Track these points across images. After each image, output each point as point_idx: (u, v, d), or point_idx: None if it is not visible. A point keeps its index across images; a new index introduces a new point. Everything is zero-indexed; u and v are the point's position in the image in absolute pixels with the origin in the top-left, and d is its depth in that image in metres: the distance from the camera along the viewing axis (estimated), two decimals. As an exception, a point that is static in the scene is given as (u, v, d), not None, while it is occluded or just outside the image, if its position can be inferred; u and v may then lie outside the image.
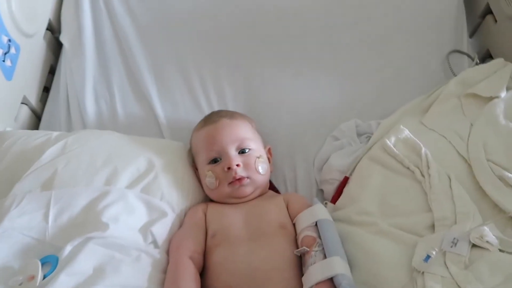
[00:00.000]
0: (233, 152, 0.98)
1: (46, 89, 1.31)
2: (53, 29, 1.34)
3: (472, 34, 1.36)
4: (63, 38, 1.29)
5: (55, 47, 1.35)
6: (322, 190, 1.10)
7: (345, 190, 1.01)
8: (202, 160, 1.01)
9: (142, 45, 1.28)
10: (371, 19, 1.29)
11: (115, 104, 1.21)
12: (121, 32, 1.29)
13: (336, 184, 1.05)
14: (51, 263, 0.77)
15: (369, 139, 1.09)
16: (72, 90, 1.23)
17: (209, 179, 0.98)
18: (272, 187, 1.11)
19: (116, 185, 0.91)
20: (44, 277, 0.75)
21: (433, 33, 1.28)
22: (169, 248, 0.90)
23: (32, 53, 1.21)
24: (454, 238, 0.76)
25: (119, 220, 0.85)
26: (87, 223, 0.83)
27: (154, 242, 0.89)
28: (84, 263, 0.77)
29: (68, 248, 0.78)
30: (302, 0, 1.30)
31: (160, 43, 1.29)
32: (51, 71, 1.33)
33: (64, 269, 0.75)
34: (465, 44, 1.28)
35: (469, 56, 1.26)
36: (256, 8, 1.31)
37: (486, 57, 1.29)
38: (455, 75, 1.19)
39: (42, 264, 0.76)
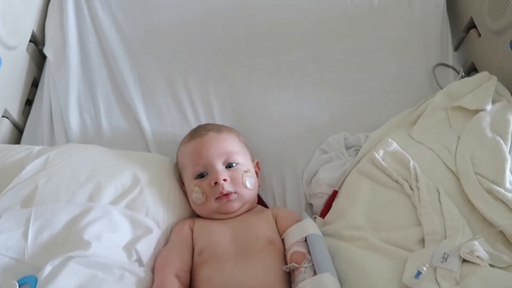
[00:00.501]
0: (220, 166, 0.97)
1: (29, 102, 1.28)
2: (37, 41, 1.32)
3: (456, 48, 1.38)
4: (46, 50, 1.27)
5: (39, 59, 1.32)
6: (311, 204, 1.09)
7: (334, 204, 1.00)
8: (188, 175, 0.99)
9: (128, 57, 1.26)
10: (358, 33, 1.30)
11: (99, 118, 1.19)
12: (107, 44, 1.27)
13: (325, 198, 1.03)
14: (29, 284, 0.74)
15: (357, 152, 1.09)
16: (56, 103, 1.20)
17: (195, 194, 0.96)
18: (260, 201, 1.09)
19: (100, 201, 0.88)
20: (22, 299, 0.72)
21: (419, 46, 1.29)
22: (154, 266, 0.87)
23: (14, 66, 1.18)
24: (445, 253, 0.75)
25: (102, 237, 0.82)
26: (69, 241, 0.80)
27: (139, 260, 0.87)
28: (65, 283, 0.73)
29: (48, 268, 0.75)
30: (290, 13, 1.30)
31: (146, 55, 1.27)
32: (35, 83, 1.30)
33: (44, 289, 0.72)
34: (451, 57, 1.30)
35: (454, 69, 1.27)
36: (244, 21, 1.31)
37: (471, 70, 1.30)
38: (441, 88, 1.20)
39: (20, 286, 0.73)
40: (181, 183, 1.03)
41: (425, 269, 0.73)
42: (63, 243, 0.80)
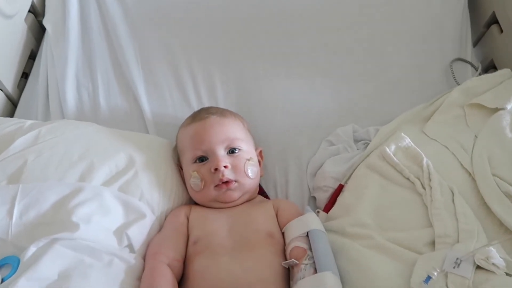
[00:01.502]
0: (221, 152, 0.91)
1: (25, 75, 1.22)
2: (36, 12, 1.27)
3: (475, 43, 1.31)
4: (46, 22, 1.21)
5: (38, 31, 1.27)
6: (314, 198, 1.03)
7: (340, 199, 0.94)
8: (187, 159, 0.93)
9: (131, 34, 1.20)
10: (371, 22, 1.23)
11: (97, 95, 1.13)
12: (110, 19, 1.22)
13: (330, 192, 0.98)
14: (11, 264, 0.69)
15: (366, 146, 1.03)
16: (52, 77, 1.15)
17: (193, 180, 0.91)
18: (261, 191, 1.04)
19: (92, 182, 0.83)
20: (2, 280, 0.67)
21: (436, 39, 1.22)
22: (146, 254, 0.82)
23: (10, 36, 1.13)
24: (457, 259, 0.69)
25: (91, 220, 0.77)
26: (56, 222, 0.75)
27: (130, 246, 0.82)
28: (49, 267, 0.69)
29: (31, 249, 0.70)
30: (301, -1, 1.24)
31: (150, 34, 1.22)
32: (32, 56, 1.25)
33: (26, 272, 0.67)
34: (469, 53, 1.23)
35: (472, 65, 1.21)
36: (253, 4, 1.25)
37: (489, 67, 1.24)
38: (458, 83, 1.14)
39: (1, 266, 0.68)
40: (180, 168, 0.98)
41: (435, 274, 0.68)
42: (50, 223, 0.75)
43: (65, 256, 0.71)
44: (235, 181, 0.90)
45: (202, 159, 0.92)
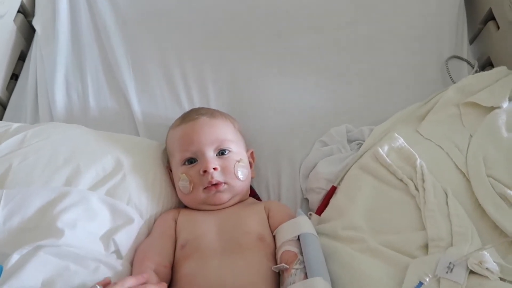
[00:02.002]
0: (210, 153, 0.90)
1: (15, 77, 1.21)
2: (26, 12, 1.25)
3: (472, 41, 1.29)
4: (35, 22, 1.20)
5: (27, 32, 1.25)
6: (307, 200, 1.02)
7: (332, 201, 0.93)
8: (176, 161, 0.92)
9: (121, 33, 1.19)
10: (366, 20, 1.21)
11: (87, 96, 1.12)
12: (100, 19, 1.20)
13: (322, 193, 0.96)
14: (-6, 272, 0.68)
15: (360, 146, 1.01)
16: (42, 78, 1.13)
17: (182, 182, 0.89)
18: (253, 193, 1.02)
19: (78, 186, 0.82)
20: (-16, 289, 0.65)
21: (431, 37, 1.20)
22: (133, 260, 0.80)
23: (-1, 36, 1.11)
24: (450, 263, 0.67)
25: (77, 226, 0.76)
26: (40, 228, 0.74)
27: (117, 252, 0.80)
28: (32, 275, 0.67)
29: (15, 257, 0.69)
30: (294, -3, 1.22)
31: (141, 33, 1.20)
32: (22, 57, 1.23)
33: (8, 280, 0.65)
34: (465, 50, 1.21)
35: (469, 63, 1.19)
36: (245, 3, 1.23)
37: (486, 64, 1.22)
38: (454, 81, 1.12)
39: (-17, 274, 0.67)
40: (169, 170, 0.96)
41: (427, 279, 0.66)
42: (34, 230, 0.74)
43: (49, 264, 0.69)
44: (225, 183, 0.89)
45: (191, 161, 0.91)
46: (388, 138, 0.93)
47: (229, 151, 0.91)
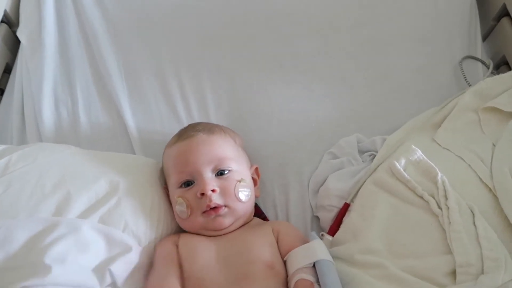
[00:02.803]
0: (208, 174, 0.82)
1: (1, 92, 1.14)
2: (11, 22, 1.17)
3: (484, 39, 1.22)
4: (20, 33, 1.13)
5: (12, 43, 1.17)
6: (317, 217, 0.95)
7: (346, 220, 0.86)
8: (172, 183, 0.85)
9: (112, 43, 1.11)
10: (373, 21, 1.14)
11: (77, 111, 1.04)
12: (89, 27, 1.12)
13: (334, 211, 0.89)
14: (-25, 320, 0.60)
15: (373, 158, 0.94)
16: (28, 93, 1.06)
17: (179, 207, 0.82)
18: (258, 212, 0.95)
19: (68, 215, 0.75)
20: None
21: (443, 37, 1.13)
22: None
23: (-19, 49, 1.04)
24: (485, 294, 0.61)
25: (66, 259, 0.68)
26: (26, 265, 0.67)
27: (113, 285, 0.73)
28: (16, 321, 0.60)
29: (-3, 301, 0.61)
30: (296, -1, 1.15)
31: (134, 42, 1.12)
32: (7, 70, 1.16)
33: (-10, 329, 0.58)
34: (479, 49, 1.14)
35: (483, 63, 1.12)
36: (243, 7, 1.15)
37: (500, 64, 1.15)
38: (469, 84, 1.05)
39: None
40: (167, 191, 0.89)
41: (460, 313, 0.59)
42: (19, 267, 0.66)
43: (34, 308, 0.62)
44: (225, 206, 0.82)
45: (188, 183, 0.83)
46: (404, 150, 0.86)
47: (229, 170, 0.84)
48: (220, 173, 0.83)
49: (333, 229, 0.87)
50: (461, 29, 1.14)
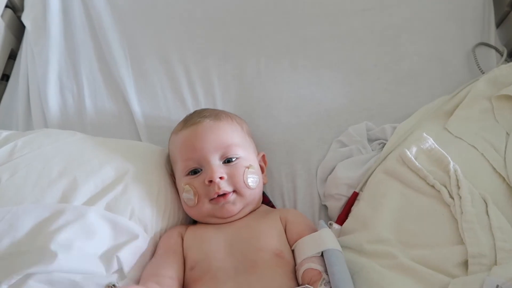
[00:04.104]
0: (216, 161, 0.81)
1: (6, 78, 1.12)
2: (15, 7, 1.16)
3: (497, 25, 1.19)
4: (25, 18, 1.11)
5: (17, 28, 1.16)
6: (325, 206, 0.93)
7: (354, 209, 0.84)
8: (179, 171, 0.84)
9: (118, 28, 1.10)
10: (385, 5, 1.11)
11: (83, 98, 1.03)
12: (94, 12, 1.11)
13: (343, 200, 0.88)
14: (-19, 305, 0.60)
15: (382, 147, 0.93)
16: (34, 79, 1.05)
17: (186, 194, 0.81)
18: (266, 200, 0.94)
19: (74, 201, 0.74)
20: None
21: (455, 23, 1.10)
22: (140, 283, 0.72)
23: (-15, 34, 1.03)
24: (498, 286, 0.59)
25: (73, 246, 0.68)
26: (32, 251, 0.66)
27: (120, 271, 0.73)
28: (22, 307, 0.60)
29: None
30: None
31: (140, 27, 1.11)
32: (13, 56, 1.14)
33: (-3, 315, 0.58)
34: (493, 36, 1.11)
35: (497, 50, 1.09)
36: (251, -10, 1.13)
37: (515, 51, 1.12)
38: (482, 72, 1.02)
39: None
40: (174, 178, 0.88)
41: (473, 304, 0.58)
42: (26, 253, 0.66)
43: (40, 294, 0.61)
44: (234, 191, 0.80)
45: (195, 171, 0.82)
46: (416, 138, 0.84)
47: (237, 157, 0.83)
48: (227, 161, 0.82)
49: (342, 219, 0.85)
50: (474, 15, 1.11)
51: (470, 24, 1.11)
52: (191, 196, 0.80)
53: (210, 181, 0.79)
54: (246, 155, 0.85)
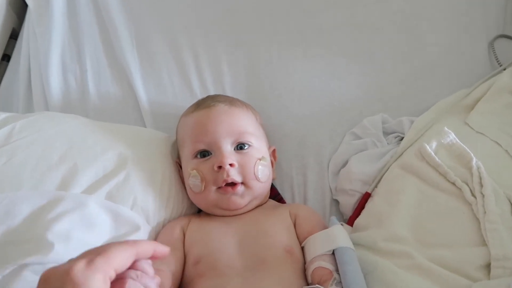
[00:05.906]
0: (227, 147, 0.77)
1: (7, 58, 1.08)
2: (18, -16, 1.12)
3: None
4: (27, -4, 1.07)
5: (19, 7, 1.12)
6: (337, 201, 0.89)
7: (369, 205, 0.80)
8: (186, 154, 0.79)
9: (124, 10, 1.05)
10: (402, -6, 1.06)
11: (86, 81, 0.99)
12: (100, -7, 1.06)
13: (357, 196, 0.84)
14: (-27, 296, 0.57)
15: (399, 140, 0.88)
16: (35, 60, 1.01)
17: (193, 179, 0.77)
18: (274, 192, 0.90)
19: (74, 189, 0.70)
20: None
21: (477, 12, 1.05)
22: None
23: (-14, 13, 0.99)
24: (525, 292, 0.55)
25: (71, 237, 0.64)
26: (28, 240, 0.62)
27: (120, 264, 0.69)
28: (16, 299, 0.56)
29: (-4, 278, 0.57)
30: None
31: (147, 9, 1.07)
32: (14, 35, 1.10)
33: (-11, 307, 0.54)
34: (515, 28, 1.06)
35: (518, 42, 1.04)
36: (265, -26, 1.08)
37: (538, 44, 1.07)
38: (500, 64, 0.98)
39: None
40: (179, 167, 0.84)
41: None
42: (21, 242, 0.62)
43: (35, 286, 0.57)
44: (242, 183, 0.76)
45: (204, 153, 0.77)
46: (436, 132, 0.80)
47: (249, 145, 0.78)
48: (239, 147, 0.78)
49: (352, 220, 0.81)
50: (497, 4, 1.06)
51: (493, 13, 1.06)
52: (197, 182, 0.76)
53: (220, 167, 0.75)
54: (259, 145, 0.80)
